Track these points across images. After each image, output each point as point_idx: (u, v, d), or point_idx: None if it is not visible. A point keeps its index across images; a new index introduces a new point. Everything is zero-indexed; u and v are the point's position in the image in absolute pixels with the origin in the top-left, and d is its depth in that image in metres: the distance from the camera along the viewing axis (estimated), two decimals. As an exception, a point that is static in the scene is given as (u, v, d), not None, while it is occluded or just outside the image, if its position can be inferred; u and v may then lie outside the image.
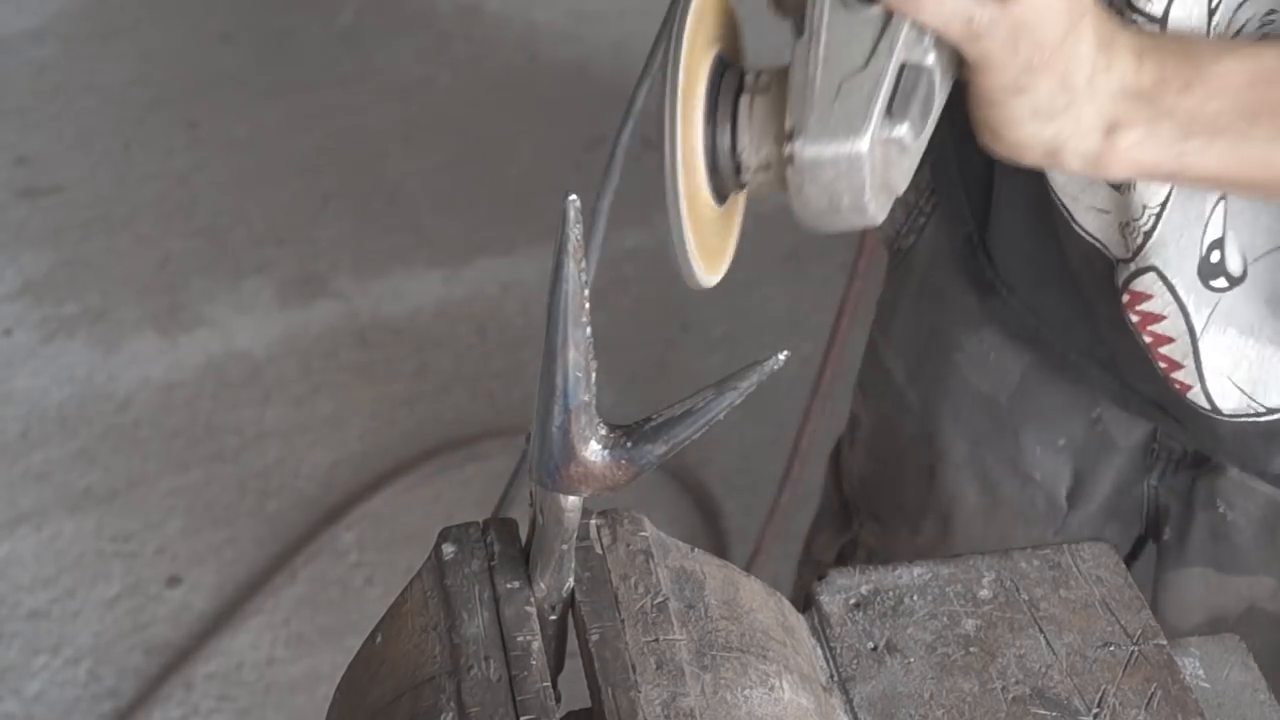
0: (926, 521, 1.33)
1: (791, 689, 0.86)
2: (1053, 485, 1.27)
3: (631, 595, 0.86)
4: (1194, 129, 0.88)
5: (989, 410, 1.27)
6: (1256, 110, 0.88)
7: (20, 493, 2.61)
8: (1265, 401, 1.10)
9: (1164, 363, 1.10)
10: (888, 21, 0.78)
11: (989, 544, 1.29)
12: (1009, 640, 0.94)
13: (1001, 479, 1.28)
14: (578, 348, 0.79)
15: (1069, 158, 0.89)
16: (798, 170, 0.78)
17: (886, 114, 0.78)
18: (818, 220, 0.81)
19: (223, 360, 2.83)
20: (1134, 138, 0.88)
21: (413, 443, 2.69)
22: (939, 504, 1.32)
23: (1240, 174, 0.91)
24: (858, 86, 0.78)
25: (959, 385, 1.28)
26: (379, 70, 3.44)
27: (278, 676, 2.38)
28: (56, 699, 2.34)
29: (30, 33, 3.51)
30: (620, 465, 0.82)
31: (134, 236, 3.07)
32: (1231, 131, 0.89)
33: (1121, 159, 0.89)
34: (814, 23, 0.79)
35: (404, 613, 0.88)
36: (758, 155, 0.81)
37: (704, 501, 2.57)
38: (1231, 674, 0.98)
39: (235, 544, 2.55)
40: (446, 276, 2.98)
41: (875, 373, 1.37)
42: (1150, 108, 0.88)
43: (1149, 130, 0.88)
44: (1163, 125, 0.88)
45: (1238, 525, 1.20)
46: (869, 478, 1.41)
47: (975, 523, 1.31)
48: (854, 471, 1.43)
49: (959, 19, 0.78)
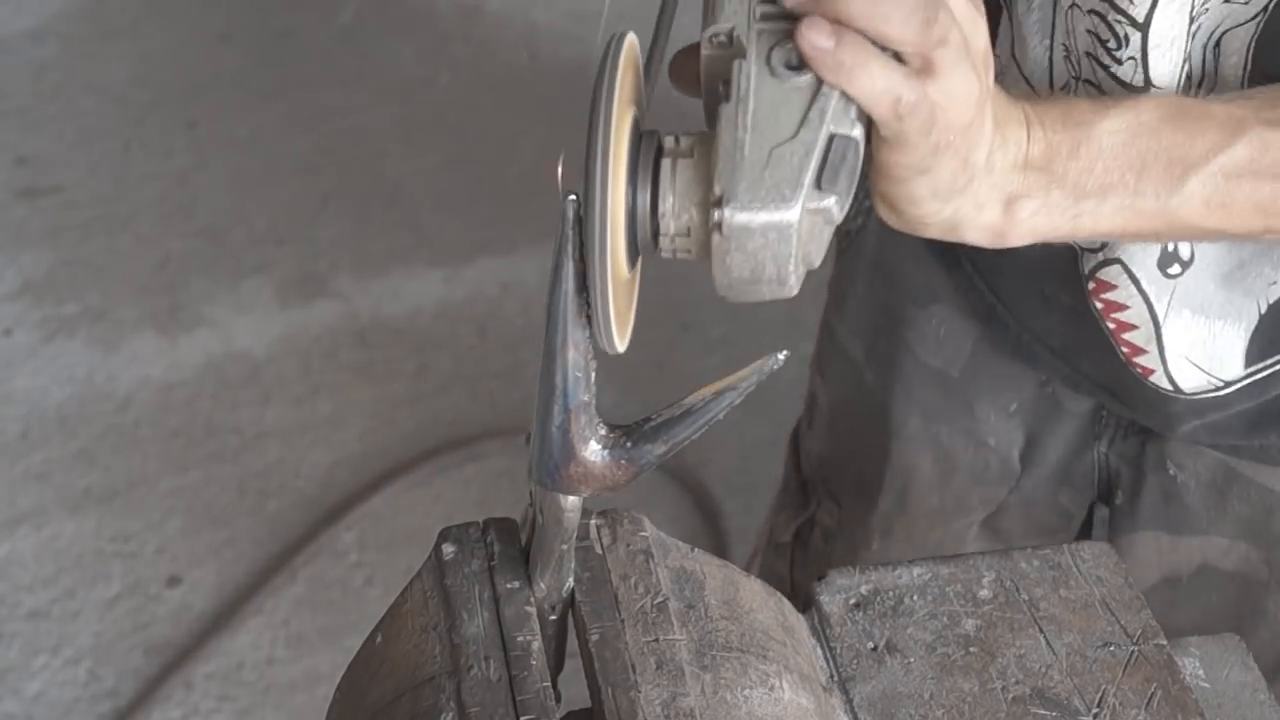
0: (883, 497, 1.36)
1: (791, 689, 0.86)
2: (1006, 449, 1.29)
3: (631, 595, 0.86)
4: (1085, 191, 0.90)
5: (941, 385, 1.30)
6: (1142, 163, 0.90)
7: (20, 493, 2.61)
8: (1222, 375, 1.12)
9: (1127, 348, 1.12)
10: (817, 91, 0.77)
11: (945, 512, 1.32)
12: (1009, 640, 0.94)
13: (956, 448, 1.31)
14: (577, 348, 0.79)
15: (968, 232, 0.90)
16: (725, 237, 0.77)
17: (816, 185, 0.77)
18: (736, 290, 0.80)
19: (223, 360, 2.83)
20: (1031, 208, 0.89)
21: (412, 443, 2.69)
22: (895, 479, 1.34)
23: (1137, 226, 0.92)
24: (788, 155, 0.77)
25: (910, 362, 1.30)
26: (379, 70, 3.44)
27: (278, 676, 2.38)
28: (56, 699, 2.34)
29: (30, 33, 3.51)
30: (620, 465, 0.82)
31: (134, 236, 3.07)
32: (1121, 187, 0.90)
33: (1020, 230, 0.90)
34: (741, 89, 0.78)
35: (404, 613, 0.88)
36: (678, 221, 0.79)
37: (704, 501, 2.58)
38: (1231, 674, 0.98)
39: (235, 544, 2.54)
40: (446, 276, 2.98)
41: (832, 353, 1.40)
42: (1043, 176, 0.89)
43: (1043, 199, 0.89)
44: (1055, 192, 0.89)
45: (1188, 486, 1.23)
46: (828, 457, 1.43)
47: (931, 494, 1.34)
48: (813, 451, 1.45)
49: (888, 97, 0.78)
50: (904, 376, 1.31)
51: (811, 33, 0.76)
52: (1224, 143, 0.90)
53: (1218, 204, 0.91)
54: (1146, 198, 0.90)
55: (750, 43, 0.79)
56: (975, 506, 1.33)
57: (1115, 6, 0.95)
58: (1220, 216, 0.91)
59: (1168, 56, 0.96)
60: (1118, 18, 0.95)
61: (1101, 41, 0.97)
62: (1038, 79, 1.03)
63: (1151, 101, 0.92)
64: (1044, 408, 1.27)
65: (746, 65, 0.78)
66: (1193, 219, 0.91)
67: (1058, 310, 1.17)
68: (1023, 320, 1.22)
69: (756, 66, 0.78)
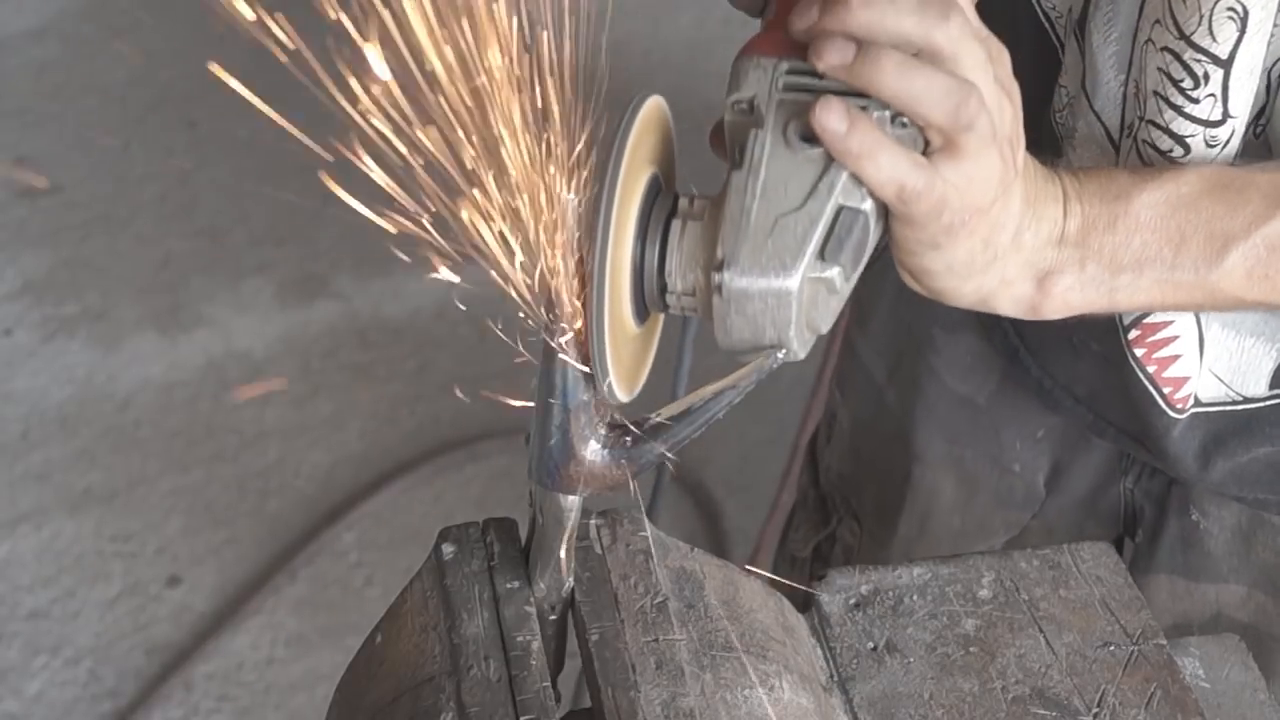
0: (904, 518, 1.34)
1: (791, 689, 0.86)
2: (1032, 474, 1.28)
3: (631, 595, 0.86)
4: (1122, 265, 0.90)
5: (967, 410, 1.28)
6: (1181, 236, 0.89)
7: (20, 493, 2.61)
8: (1243, 390, 1.11)
9: (1170, 385, 1.10)
10: (828, 164, 0.79)
11: (967, 535, 1.31)
12: (1009, 640, 0.94)
13: (980, 472, 1.29)
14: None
15: (1001, 305, 0.90)
16: (725, 300, 0.78)
17: (819, 255, 0.79)
18: (739, 349, 0.81)
19: (223, 360, 2.83)
20: (1067, 282, 0.90)
21: (413, 443, 2.69)
22: (917, 502, 1.33)
23: (1176, 299, 0.92)
24: (793, 225, 0.78)
25: (935, 386, 1.28)
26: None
27: (278, 676, 2.38)
28: (56, 699, 2.34)
29: (30, 33, 3.51)
30: (620, 465, 0.82)
31: (134, 236, 3.07)
32: (1159, 261, 0.90)
33: (1055, 304, 0.90)
34: (754, 157, 0.79)
35: (404, 613, 0.88)
36: (684, 280, 0.81)
37: (704, 501, 2.58)
38: (1231, 674, 0.98)
39: (235, 544, 2.54)
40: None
41: (854, 371, 1.38)
42: (1078, 251, 0.89)
43: (1078, 274, 0.89)
44: (1090, 267, 0.89)
45: (1210, 532, 1.21)
46: (848, 475, 1.42)
47: (953, 517, 1.32)
48: (832, 468, 1.43)
49: (893, 184, 0.79)
50: (927, 399, 1.29)
51: (825, 114, 0.77)
52: (1267, 214, 0.89)
53: (1260, 275, 0.90)
54: (1185, 270, 0.90)
55: (769, 112, 0.80)
56: (998, 529, 1.31)
57: (1194, 45, 0.93)
58: (1264, 289, 0.91)
59: (1246, 87, 0.94)
60: (1196, 56, 0.93)
61: (1174, 81, 0.95)
62: (1108, 115, 1.01)
63: (1194, 173, 0.91)
64: (1072, 436, 1.24)
65: (762, 134, 0.80)
66: (1234, 291, 0.91)
67: (1086, 358, 1.15)
68: (1046, 366, 1.20)
69: (772, 136, 0.80)
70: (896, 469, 1.33)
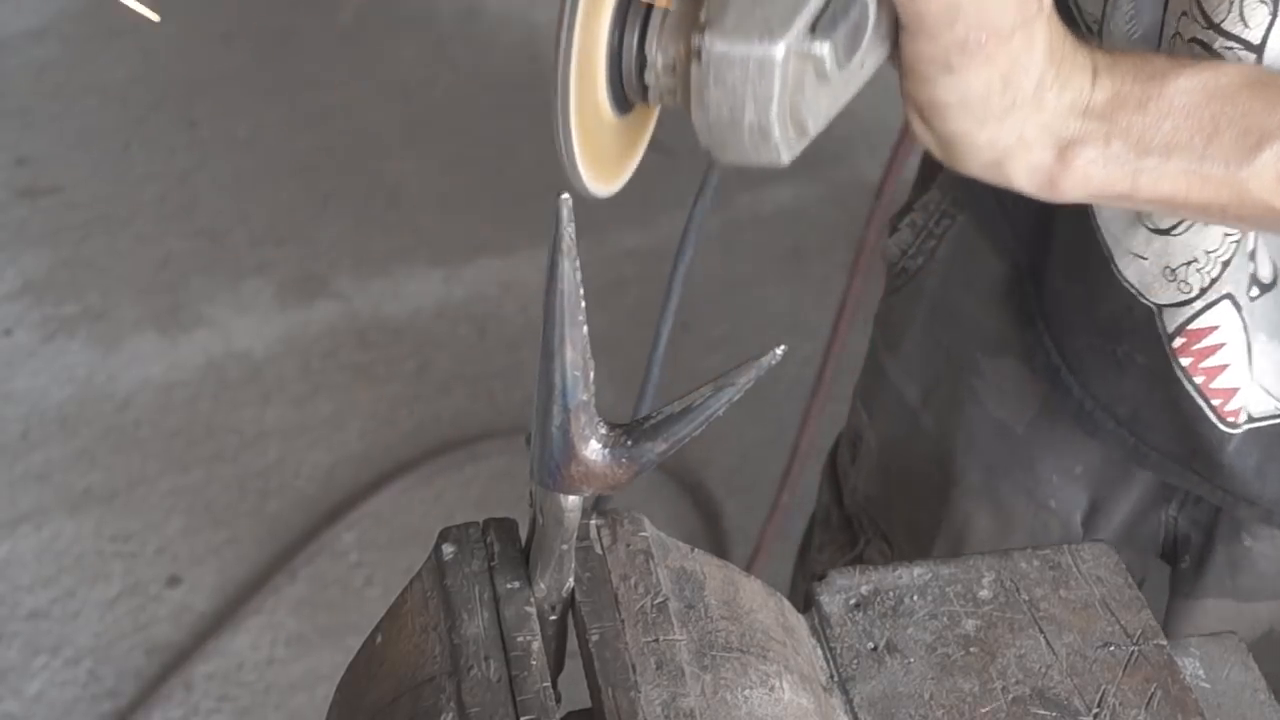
0: (938, 543, 1.31)
1: (791, 689, 0.86)
2: (1068, 512, 1.24)
3: (631, 595, 0.86)
4: (1149, 147, 0.86)
5: (1005, 438, 1.24)
6: (1215, 127, 0.86)
7: (20, 493, 2.61)
8: None
9: (1219, 398, 1.07)
10: None
11: None
12: (1009, 640, 0.94)
13: (1016, 507, 1.26)
14: (575, 347, 0.79)
15: (1015, 172, 0.86)
16: (704, 67, 0.73)
17: (810, 29, 0.73)
18: (718, 136, 0.76)
19: (223, 360, 2.83)
20: (1089, 155, 0.86)
21: (413, 443, 2.69)
22: (951, 527, 1.29)
23: (1201, 195, 0.88)
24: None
25: (976, 411, 1.25)
26: (379, 70, 3.43)
27: (278, 676, 2.38)
28: (56, 699, 2.34)
29: (30, 33, 3.51)
30: (620, 464, 0.82)
31: (134, 236, 3.06)
32: (1188, 149, 0.86)
33: (1074, 178, 0.86)
34: None
35: (404, 613, 0.88)
36: (665, 54, 0.76)
37: (704, 501, 2.57)
38: (1231, 674, 0.98)
39: (235, 544, 2.54)
40: (446, 276, 2.98)
41: (883, 392, 1.34)
42: (1104, 125, 0.86)
43: (1103, 149, 0.86)
44: (1116, 144, 0.86)
45: (1264, 554, 1.18)
46: (877, 497, 1.38)
47: (987, 546, 1.27)
48: (859, 489, 1.40)
49: None
50: (967, 425, 1.25)
51: None
52: None
53: None
54: (1214, 164, 0.86)
55: None
56: None
57: (1225, 32, 0.90)
58: None
59: None
60: (1228, 44, 0.90)
61: None
62: None
63: (1234, 67, 0.88)
64: (1112, 473, 1.20)
65: None
66: (1262, 194, 0.87)
67: (1131, 373, 1.11)
68: (1088, 385, 1.15)
69: None
70: (931, 493, 1.30)
